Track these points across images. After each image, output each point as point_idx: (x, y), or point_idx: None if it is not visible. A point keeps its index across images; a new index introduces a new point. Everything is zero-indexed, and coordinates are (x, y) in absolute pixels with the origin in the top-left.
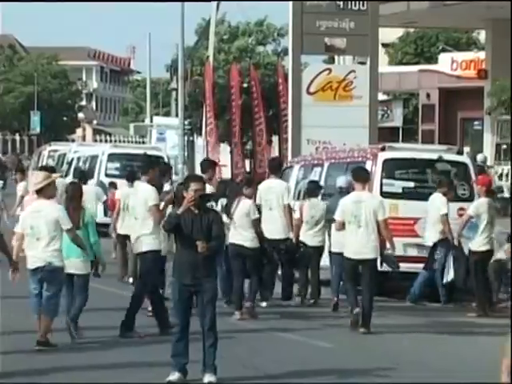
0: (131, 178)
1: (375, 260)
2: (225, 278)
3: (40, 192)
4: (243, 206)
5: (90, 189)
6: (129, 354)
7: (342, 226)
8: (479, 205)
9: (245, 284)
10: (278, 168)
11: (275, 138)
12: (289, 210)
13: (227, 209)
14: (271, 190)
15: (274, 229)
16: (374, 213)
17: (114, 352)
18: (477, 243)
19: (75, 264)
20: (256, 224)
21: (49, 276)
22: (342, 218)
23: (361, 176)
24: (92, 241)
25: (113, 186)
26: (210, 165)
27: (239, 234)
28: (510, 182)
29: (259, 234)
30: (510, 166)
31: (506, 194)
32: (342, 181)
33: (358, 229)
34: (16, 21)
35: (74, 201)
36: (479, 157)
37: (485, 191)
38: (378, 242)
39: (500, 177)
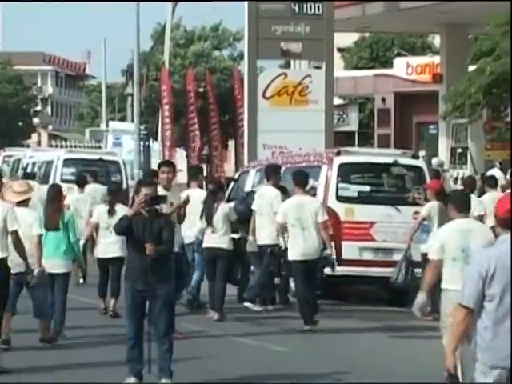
0: (81, 182)
1: (316, 261)
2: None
3: (21, 202)
4: (222, 209)
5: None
6: (104, 354)
7: (284, 229)
8: (431, 208)
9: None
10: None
11: (231, 143)
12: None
13: (206, 214)
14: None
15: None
16: (315, 215)
17: (92, 351)
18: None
19: (56, 263)
20: (235, 225)
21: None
22: (283, 221)
23: (301, 180)
24: (72, 241)
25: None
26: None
27: (216, 238)
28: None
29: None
30: (465, 170)
31: None
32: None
33: (302, 231)
34: None
35: (53, 202)
36: (434, 161)
37: (434, 195)
38: (319, 243)
39: (455, 180)
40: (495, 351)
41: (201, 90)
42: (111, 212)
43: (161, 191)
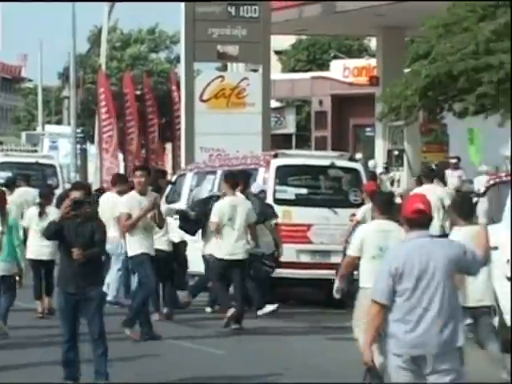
0: (11, 185)
1: (246, 261)
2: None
3: None
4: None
5: None
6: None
7: (218, 227)
8: (366, 210)
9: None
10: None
11: (169, 146)
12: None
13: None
14: None
15: None
16: (247, 216)
17: (32, 352)
18: None
19: (2, 266)
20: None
21: None
22: (218, 220)
23: (231, 180)
24: (15, 244)
25: None
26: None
27: (155, 239)
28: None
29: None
30: (401, 172)
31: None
32: (258, 186)
33: (233, 231)
34: None
35: None
36: (371, 163)
37: (370, 197)
38: (247, 243)
39: (392, 183)
40: (405, 341)
41: (138, 92)
42: (42, 214)
43: (136, 196)
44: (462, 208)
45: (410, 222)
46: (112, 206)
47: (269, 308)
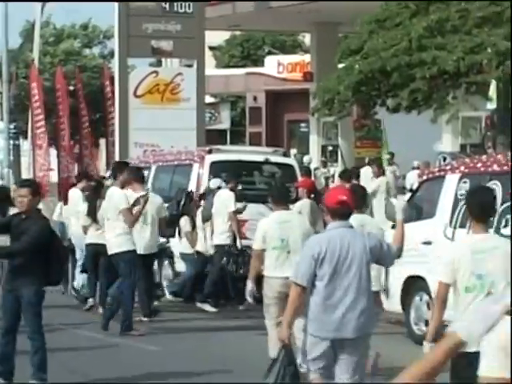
0: None
1: (155, 255)
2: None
3: None
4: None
5: None
6: None
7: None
8: (302, 206)
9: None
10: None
11: (103, 141)
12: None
13: (89, 211)
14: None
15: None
16: (158, 211)
17: None
18: None
19: None
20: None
21: None
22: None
23: (138, 175)
24: None
25: None
26: None
27: (99, 234)
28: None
29: None
30: (336, 167)
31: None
32: (216, 182)
33: (145, 226)
34: None
35: None
36: (306, 158)
37: (306, 192)
38: (158, 238)
39: (327, 178)
40: (324, 324)
41: (71, 88)
42: None
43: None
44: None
45: (333, 213)
46: (75, 203)
47: (207, 307)
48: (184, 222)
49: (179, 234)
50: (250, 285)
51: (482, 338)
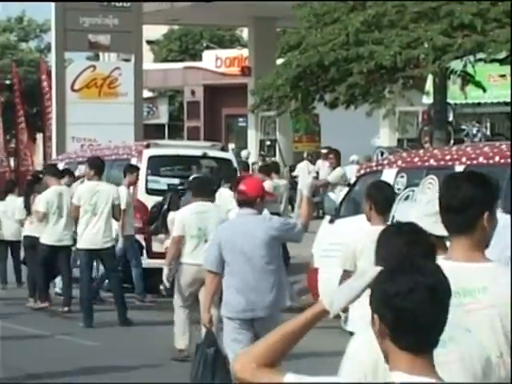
0: None
1: (113, 248)
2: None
3: None
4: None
5: None
6: None
7: (45, 217)
8: None
9: None
10: None
11: (40, 136)
12: None
13: (25, 204)
14: None
15: None
16: (112, 201)
17: None
18: None
19: None
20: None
21: None
22: (45, 210)
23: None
24: None
25: None
26: None
27: (34, 227)
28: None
29: None
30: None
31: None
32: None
33: (94, 217)
34: None
35: None
36: (244, 153)
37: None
38: (112, 230)
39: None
40: (235, 306)
41: (7, 82)
42: None
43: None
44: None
45: (238, 202)
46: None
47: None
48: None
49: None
50: (165, 269)
51: (341, 308)
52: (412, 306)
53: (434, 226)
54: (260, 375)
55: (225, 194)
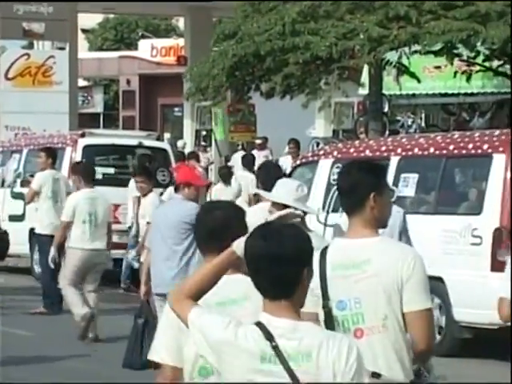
0: None
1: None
2: None
3: None
4: None
5: None
6: None
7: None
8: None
9: None
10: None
11: None
12: None
13: None
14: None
15: None
16: (67, 189)
17: None
18: None
19: None
20: None
21: None
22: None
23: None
24: None
25: None
26: None
27: None
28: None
29: None
30: (210, 152)
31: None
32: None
33: (56, 204)
34: None
35: None
36: (180, 143)
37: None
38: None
39: (210, 163)
40: (155, 282)
41: None
42: None
43: None
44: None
45: (177, 188)
46: None
47: None
48: None
49: None
50: (52, 251)
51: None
52: (256, 266)
53: (301, 205)
54: (183, 306)
55: (246, 178)
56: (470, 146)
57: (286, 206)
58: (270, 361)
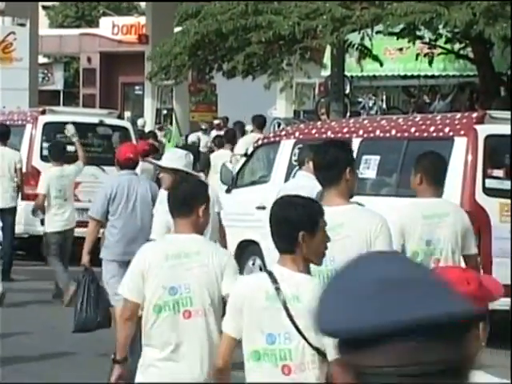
0: None
1: (14, 208)
2: None
3: None
4: None
5: None
6: None
7: None
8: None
9: None
10: None
11: None
12: None
13: None
14: None
15: None
16: (14, 165)
17: None
18: None
19: None
20: None
21: None
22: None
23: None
24: None
25: None
26: None
27: None
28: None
29: None
30: (171, 131)
31: None
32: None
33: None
34: None
35: None
36: (140, 121)
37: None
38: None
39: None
40: (115, 249)
41: None
42: None
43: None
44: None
45: (122, 164)
46: None
47: None
48: None
49: None
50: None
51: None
52: (271, 228)
53: (189, 170)
54: None
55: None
56: (432, 128)
57: (175, 171)
58: (272, 299)
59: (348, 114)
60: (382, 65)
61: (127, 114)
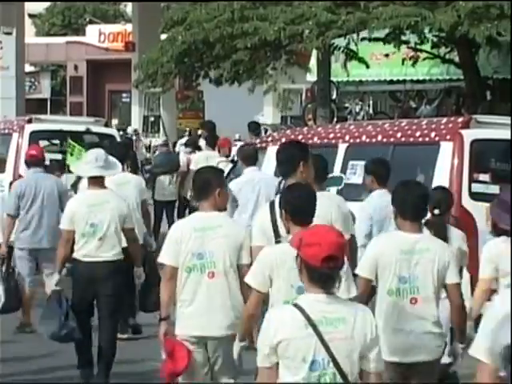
0: None
1: None
2: None
3: None
4: None
5: None
6: None
7: None
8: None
9: None
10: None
11: None
12: None
13: None
14: None
15: None
16: None
17: None
18: None
19: None
20: None
21: None
22: None
23: None
24: None
25: None
26: None
27: None
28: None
29: None
30: (157, 138)
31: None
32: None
33: None
34: None
35: None
36: (129, 129)
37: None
38: None
39: (148, 148)
40: (21, 238)
41: None
42: None
43: None
44: None
45: (28, 163)
46: None
47: None
48: None
49: None
50: None
51: None
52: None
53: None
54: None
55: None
56: (418, 133)
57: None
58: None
59: (335, 120)
60: (368, 67)
61: (114, 121)
